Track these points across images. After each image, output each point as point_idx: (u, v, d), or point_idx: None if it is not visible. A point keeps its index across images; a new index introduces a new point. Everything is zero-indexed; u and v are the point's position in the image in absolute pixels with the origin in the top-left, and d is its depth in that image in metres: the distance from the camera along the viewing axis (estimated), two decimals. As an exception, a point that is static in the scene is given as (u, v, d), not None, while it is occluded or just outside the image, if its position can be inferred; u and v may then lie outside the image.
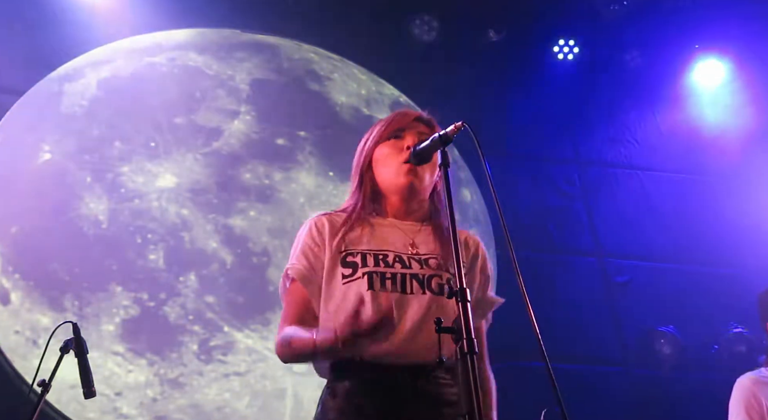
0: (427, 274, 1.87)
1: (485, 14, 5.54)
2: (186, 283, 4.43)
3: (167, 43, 5.03)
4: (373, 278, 1.84)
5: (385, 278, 1.84)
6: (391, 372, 1.77)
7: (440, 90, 5.23)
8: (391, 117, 2.09)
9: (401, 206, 2.01)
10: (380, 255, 1.89)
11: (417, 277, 1.86)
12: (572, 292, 5.12)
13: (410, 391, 1.75)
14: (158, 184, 4.62)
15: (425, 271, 1.87)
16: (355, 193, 2.04)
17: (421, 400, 1.74)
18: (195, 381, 4.25)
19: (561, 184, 5.61)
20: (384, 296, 1.81)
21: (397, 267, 1.87)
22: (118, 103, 4.73)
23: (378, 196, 2.02)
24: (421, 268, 1.88)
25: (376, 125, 2.11)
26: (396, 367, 1.77)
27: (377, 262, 1.87)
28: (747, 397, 2.85)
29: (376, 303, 1.80)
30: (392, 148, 1.99)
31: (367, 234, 1.93)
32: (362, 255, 1.89)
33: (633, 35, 5.74)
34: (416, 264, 1.89)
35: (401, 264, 1.88)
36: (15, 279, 4.16)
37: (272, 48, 5.30)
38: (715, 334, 5.12)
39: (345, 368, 1.82)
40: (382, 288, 1.83)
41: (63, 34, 4.70)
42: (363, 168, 2.04)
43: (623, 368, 5.04)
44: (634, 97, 5.87)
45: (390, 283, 1.84)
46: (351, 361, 1.79)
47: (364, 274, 1.85)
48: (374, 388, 1.77)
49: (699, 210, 5.56)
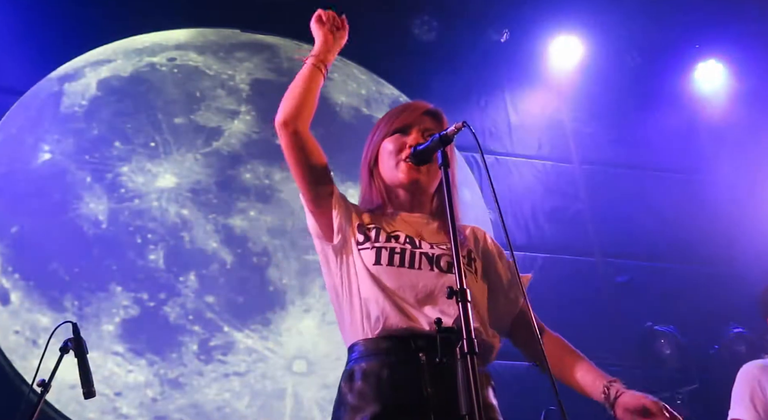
0: (437, 253, 1.87)
1: (485, 14, 5.54)
2: (186, 283, 4.43)
3: (167, 43, 5.04)
4: (381, 253, 1.84)
5: (394, 253, 1.85)
6: (406, 343, 1.74)
7: (440, 90, 5.23)
8: (399, 110, 2.08)
9: (408, 199, 2.00)
10: (393, 234, 1.89)
11: (426, 255, 1.86)
12: (572, 292, 5.12)
13: (427, 363, 1.71)
14: (158, 184, 4.62)
15: (435, 251, 1.87)
16: (366, 188, 2.04)
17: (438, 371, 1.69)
18: (195, 381, 4.25)
19: (561, 184, 5.61)
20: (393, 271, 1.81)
21: (407, 246, 1.87)
22: (118, 103, 4.73)
23: (389, 190, 2.01)
24: (431, 248, 1.88)
25: (384, 117, 2.10)
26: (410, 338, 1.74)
27: (388, 238, 1.88)
28: (752, 385, 2.76)
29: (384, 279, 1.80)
30: (395, 144, 1.99)
31: (381, 218, 1.94)
32: (376, 229, 1.90)
33: (633, 35, 5.75)
34: (426, 244, 1.89)
35: (411, 245, 1.88)
36: (15, 279, 4.16)
37: (272, 48, 5.30)
38: (715, 334, 5.12)
39: (358, 349, 1.80)
40: (390, 263, 1.83)
41: (63, 33, 4.70)
42: (371, 162, 2.03)
43: (623, 368, 5.04)
44: (634, 97, 5.87)
45: (398, 257, 1.84)
46: (365, 340, 1.78)
47: (373, 248, 1.86)
48: (390, 362, 1.74)
49: (699, 210, 5.56)
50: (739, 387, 2.81)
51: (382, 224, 1.93)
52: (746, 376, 2.82)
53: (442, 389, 1.67)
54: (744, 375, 2.84)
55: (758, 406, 2.73)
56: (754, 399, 2.74)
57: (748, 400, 2.74)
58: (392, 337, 1.76)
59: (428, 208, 2.02)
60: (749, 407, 2.73)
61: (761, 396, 2.74)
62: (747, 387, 2.78)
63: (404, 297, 1.79)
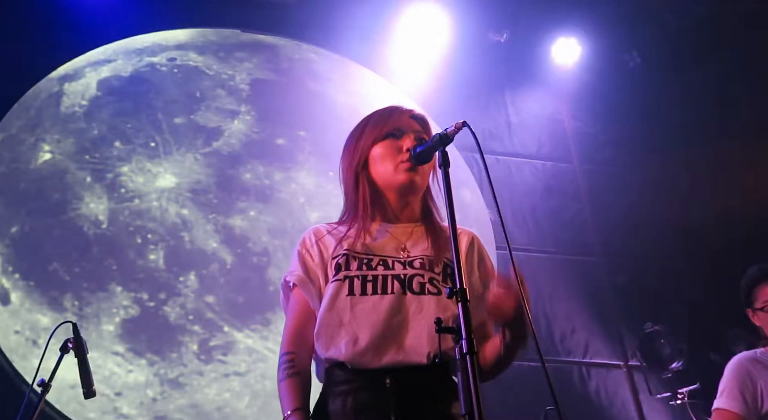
0: (409, 273, 1.87)
1: (486, 14, 5.54)
2: (186, 283, 4.43)
3: (167, 43, 5.04)
4: (354, 283, 1.86)
5: (366, 281, 1.86)
6: (380, 374, 1.76)
7: (440, 90, 5.23)
8: (385, 114, 2.06)
9: (397, 205, 2.00)
10: (365, 259, 1.90)
11: (398, 278, 1.86)
12: (572, 292, 5.12)
13: (396, 391, 1.73)
14: (158, 184, 4.62)
15: (407, 272, 1.87)
16: (351, 195, 2.02)
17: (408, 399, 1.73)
18: (195, 381, 4.25)
19: (561, 184, 5.61)
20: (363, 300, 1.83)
21: (379, 269, 1.88)
22: (118, 103, 4.73)
23: (376, 196, 2.00)
24: (403, 269, 1.88)
25: (366, 121, 2.08)
26: (384, 370, 1.76)
27: (360, 265, 1.88)
28: (742, 377, 2.74)
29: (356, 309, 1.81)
30: (390, 149, 1.98)
31: (361, 239, 1.93)
32: (347, 257, 1.90)
33: (633, 35, 5.75)
34: (399, 265, 1.89)
35: (384, 266, 1.88)
36: (15, 279, 4.16)
37: (272, 48, 5.30)
38: (715, 334, 5.11)
39: (335, 373, 1.82)
40: (363, 292, 1.84)
41: (63, 33, 4.70)
42: (358, 167, 2.01)
43: (623, 368, 5.04)
44: (634, 97, 5.87)
45: (371, 285, 1.85)
46: (341, 365, 1.80)
47: (345, 278, 1.87)
48: (363, 389, 1.76)
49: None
50: (729, 378, 2.79)
51: (361, 244, 1.92)
52: (736, 366, 2.80)
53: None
54: (734, 366, 2.81)
55: (747, 397, 2.70)
56: (743, 390, 2.71)
57: (738, 391, 2.71)
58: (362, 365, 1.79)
59: (413, 214, 2.01)
60: (738, 398, 2.70)
61: (751, 387, 2.71)
62: (737, 378, 2.75)
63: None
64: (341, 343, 1.80)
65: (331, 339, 1.82)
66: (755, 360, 2.80)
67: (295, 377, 1.85)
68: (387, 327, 1.79)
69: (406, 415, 1.72)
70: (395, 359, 1.76)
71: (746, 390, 2.72)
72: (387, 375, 1.75)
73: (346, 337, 1.80)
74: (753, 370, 2.76)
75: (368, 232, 1.95)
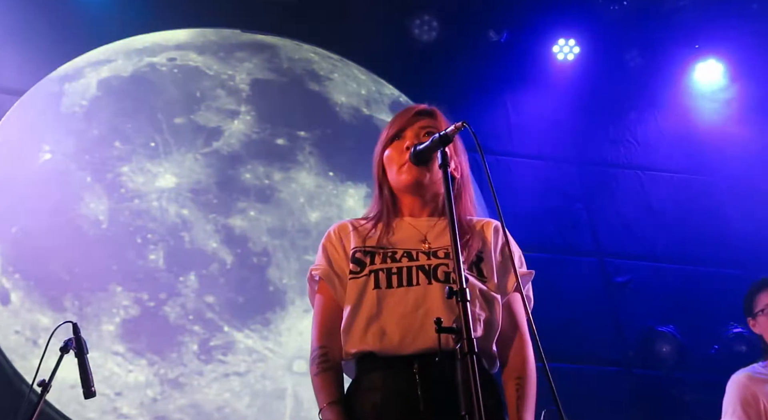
0: (434, 263, 1.89)
1: (485, 14, 5.54)
2: (186, 283, 4.43)
3: (167, 43, 5.04)
4: (379, 276, 1.89)
5: (392, 273, 1.88)
6: (408, 361, 1.79)
7: (440, 90, 5.23)
8: (393, 118, 2.13)
9: (414, 203, 2.04)
10: (389, 252, 1.93)
11: (423, 268, 1.89)
12: (572, 292, 5.12)
13: (427, 378, 1.76)
14: (158, 184, 4.62)
15: (431, 262, 1.90)
16: (377, 199, 2.10)
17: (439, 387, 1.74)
18: (195, 381, 4.25)
19: (561, 184, 5.61)
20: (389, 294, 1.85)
21: (403, 261, 1.90)
22: (118, 103, 4.73)
23: (395, 199, 2.06)
24: (428, 259, 1.90)
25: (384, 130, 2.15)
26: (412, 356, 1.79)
27: (384, 259, 1.91)
28: (743, 394, 2.77)
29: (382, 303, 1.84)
30: (395, 150, 2.03)
31: (384, 235, 1.98)
32: (372, 253, 1.93)
33: (633, 35, 5.75)
34: (423, 256, 1.92)
35: (408, 257, 1.91)
36: (15, 279, 4.16)
37: (272, 48, 5.30)
38: (715, 334, 5.12)
39: (363, 362, 1.86)
40: (389, 285, 1.87)
41: (63, 33, 4.70)
42: (379, 174, 2.09)
43: (623, 368, 5.04)
44: (634, 97, 5.87)
45: (396, 278, 1.88)
46: (370, 355, 1.84)
47: (371, 272, 1.90)
48: (394, 378, 1.80)
49: (699, 210, 5.56)
50: (730, 398, 2.83)
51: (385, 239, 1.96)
52: (736, 385, 2.84)
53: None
54: (733, 385, 2.85)
55: (752, 415, 2.74)
56: (746, 408, 2.75)
57: (741, 410, 2.75)
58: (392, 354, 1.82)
59: (434, 209, 2.04)
60: (741, 416, 2.74)
61: (753, 403, 2.76)
62: (738, 397, 2.79)
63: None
64: (369, 337, 1.83)
65: (360, 333, 1.85)
66: (754, 376, 2.82)
67: (329, 371, 1.90)
68: (414, 318, 1.82)
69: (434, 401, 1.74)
70: (425, 346, 1.78)
71: (749, 408, 2.76)
72: (415, 361, 1.78)
73: (374, 331, 1.83)
74: (753, 387, 2.80)
75: (391, 229, 2.00)
